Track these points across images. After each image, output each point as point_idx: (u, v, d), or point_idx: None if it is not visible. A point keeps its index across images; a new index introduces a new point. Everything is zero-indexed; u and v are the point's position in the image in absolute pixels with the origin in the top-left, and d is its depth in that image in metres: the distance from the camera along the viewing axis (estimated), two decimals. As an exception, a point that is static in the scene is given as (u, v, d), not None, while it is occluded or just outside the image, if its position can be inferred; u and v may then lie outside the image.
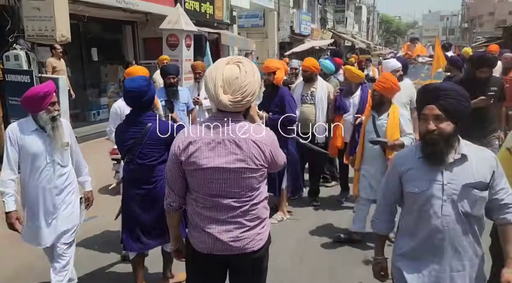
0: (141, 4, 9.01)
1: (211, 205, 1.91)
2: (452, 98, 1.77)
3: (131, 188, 2.99)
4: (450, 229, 1.81)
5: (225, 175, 1.87)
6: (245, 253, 1.94)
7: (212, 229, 1.91)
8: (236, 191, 1.89)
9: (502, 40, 27.59)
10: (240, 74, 1.83)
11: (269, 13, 19.21)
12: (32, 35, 5.74)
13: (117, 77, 10.42)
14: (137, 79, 3.02)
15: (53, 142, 2.76)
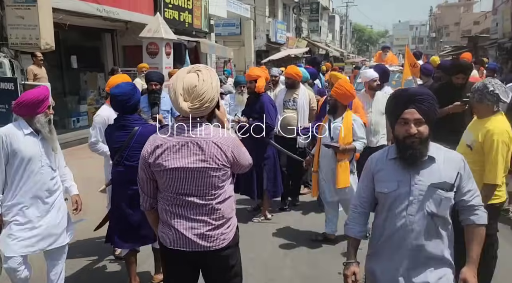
0: (122, 13, 9.15)
1: (177, 203, 2.04)
2: (428, 102, 1.85)
3: (120, 189, 3.09)
4: (414, 229, 1.85)
5: (188, 175, 2.00)
6: (209, 251, 2.05)
7: (178, 225, 2.03)
8: (200, 189, 2.01)
9: (467, 49, 29.00)
10: (199, 82, 1.95)
11: (245, 22, 19.59)
12: (15, 43, 5.81)
13: (97, 84, 10.47)
14: (122, 85, 3.16)
15: (45, 145, 2.79)
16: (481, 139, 2.70)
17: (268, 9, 21.74)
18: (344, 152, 3.80)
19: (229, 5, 16.46)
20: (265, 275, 3.55)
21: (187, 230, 2.02)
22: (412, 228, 1.85)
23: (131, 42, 10.59)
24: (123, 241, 3.14)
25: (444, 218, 1.88)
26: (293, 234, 4.36)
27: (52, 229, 2.82)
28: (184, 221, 2.03)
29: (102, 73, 10.62)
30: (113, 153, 3.10)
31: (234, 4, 17.39)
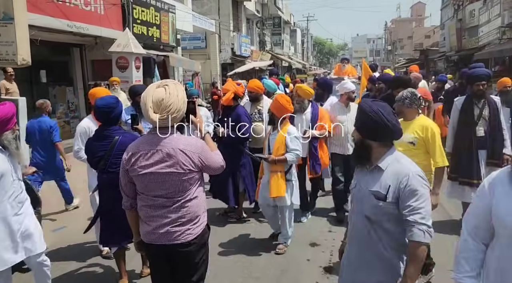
0: (91, 28, 9.37)
1: (151, 203, 2.31)
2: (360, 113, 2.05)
3: (107, 192, 3.36)
4: (358, 228, 2.06)
5: (159, 179, 2.25)
6: (177, 244, 2.29)
7: (152, 223, 2.32)
8: (169, 191, 2.27)
9: (419, 61, 30.92)
10: (165, 95, 2.20)
11: (210, 36, 20.09)
12: (-8, 59, 5.96)
13: (66, 98, 10.54)
14: (106, 98, 3.48)
15: (13, 160, 2.84)
16: (423, 134, 3.29)
17: (233, 24, 22.39)
18: (276, 163, 4.04)
19: (195, 20, 16.91)
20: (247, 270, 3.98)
21: (159, 227, 2.29)
22: (357, 226, 2.08)
23: (100, 56, 10.75)
24: (112, 240, 3.47)
25: (382, 227, 1.97)
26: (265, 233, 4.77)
27: (28, 237, 2.87)
28: (157, 219, 2.30)
29: (71, 87, 10.69)
30: (96, 161, 3.36)
31: (200, 19, 17.87)
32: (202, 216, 2.39)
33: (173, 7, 13.34)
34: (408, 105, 3.34)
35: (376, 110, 1.96)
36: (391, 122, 1.97)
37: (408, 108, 3.36)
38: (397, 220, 1.95)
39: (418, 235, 1.89)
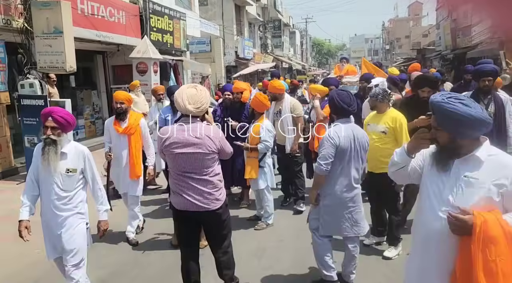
0: (115, 37, 10.37)
1: (182, 179, 2.88)
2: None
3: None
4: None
5: (188, 158, 2.82)
6: (208, 211, 2.89)
7: (184, 194, 2.88)
8: (197, 167, 2.85)
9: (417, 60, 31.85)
10: (197, 92, 2.87)
11: (215, 40, 21.06)
12: (43, 67, 6.96)
13: (91, 101, 11.55)
14: None
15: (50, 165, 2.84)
16: (393, 125, 3.84)
17: (236, 28, 23.39)
18: (250, 151, 4.73)
19: (202, 25, 17.92)
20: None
21: (191, 197, 2.87)
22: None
23: (120, 62, 11.76)
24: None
25: None
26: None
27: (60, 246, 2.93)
28: (188, 191, 2.87)
29: (95, 91, 11.71)
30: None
31: (205, 24, 18.87)
32: (222, 187, 3.03)
33: (184, 15, 14.35)
34: (380, 100, 3.92)
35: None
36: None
37: (381, 103, 3.93)
38: None
39: None
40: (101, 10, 9.63)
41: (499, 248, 1.71)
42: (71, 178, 2.89)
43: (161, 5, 12.54)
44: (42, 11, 6.75)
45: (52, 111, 2.85)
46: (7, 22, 6.86)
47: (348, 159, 3.22)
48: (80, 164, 2.94)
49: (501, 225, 1.74)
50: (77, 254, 2.91)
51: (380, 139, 3.91)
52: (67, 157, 2.88)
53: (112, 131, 4.55)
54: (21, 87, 6.96)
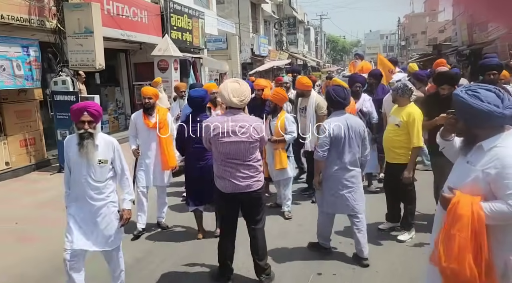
0: (138, 36, 10.80)
1: (228, 164, 3.22)
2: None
3: (192, 163, 4.28)
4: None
5: (235, 145, 3.15)
6: (251, 191, 3.24)
7: (230, 177, 3.23)
8: (242, 154, 3.18)
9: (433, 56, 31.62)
10: (240, 86, 3.20)
11: (231, 38, 21.40)
12: (75, 65, 7.41)
13: (115, 97, 12.03)
14: (199, 90, 4.40)
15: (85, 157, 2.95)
16: (406, 119, 4.07)
17: (252, 26, 23.70)
18: (277, 143, 4.95)
19: (218, 23, 18.28)
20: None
21: (237, 180, 3.23)
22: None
23: (142, 60, 12.21)
24: (191, 200, 4.39)
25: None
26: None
27: (96, 234, 3.02)
28: (235, 175, 3.22)
29: (118, 87, 12.19)
30: (183, 141, 4.21)
31: (222, 22, 19.23)
32: (262, 171, 3.41)
33: (202, 14, 14.73)
34: (401, 94, 4.18)
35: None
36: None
37: (401, 97, 4.19)
38: None
39: None
40: (125, 10, 10.06)
41: (462, 225, 1.96)
42: (103, 169, 2.99)
43: (181, 5, 12.94)
44: (74, 12, 7.19)
45: (87, 106, 2.95)
46: (41, 23, 7.32)
47: (342, 145, 3.68)
48: (110, 155, 3.03)
49: (472, 207, 1.96)
50: (116, 238, 3.11)
51: (394, 131, 4.22)
52: (98, 149, 2.97)
53: (141, 125, 4.72)
54: (54, 84, 7.42)
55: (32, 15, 7.06)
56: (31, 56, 7.30)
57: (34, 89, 7.78)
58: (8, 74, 6.85)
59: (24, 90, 7.54)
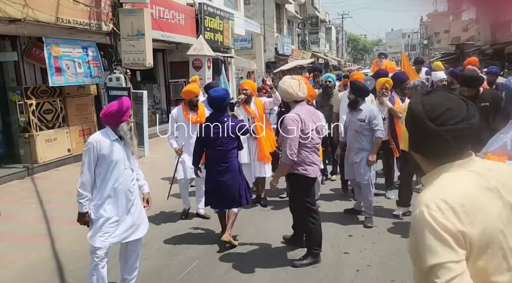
0: (176, 37, 11.70)
1: (313, 149, 3.68)
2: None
3: (213, 165, 4.08)
4: (351, 137, 4.61)
5: (318, 131, 3.69)
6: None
7: (316, 162, 3.76)
8: (320, 139, 3.81)
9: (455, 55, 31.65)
10: (300, 82, 3.64)
11: (256, 37, 22.19)
12: (127, 64, 8.33)
13: (152, 93, 12.99)
14: (219, 90, 4.22)
15: (127, 150, 3.07)
16: None
17: (276, 26, 24.44)
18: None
19: (245, 24, 19.10)
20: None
21: (319, 164, 3.93)
22: (350, 138, 4.73)
23: (177, 59, 13.12)
24: (214, 203, 4.22)
25: (365, 134, 4.56)
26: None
27: (132, 224, 3.12)
28: (318, 159, 3.81)
29: (155, 84, 13.16)
30: (206, 142, 4.07)
31: (248, 22, 20.05)
32: None
33: (232, 15, 15.57)
34: (419, 91, 4.67)
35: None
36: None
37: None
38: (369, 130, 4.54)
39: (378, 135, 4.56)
40: (166, 14, 10.97)
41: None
42: (134, 158, 3.20)
43: (214, 7, 13.81)
44: (128, 17, 8.11)
45: (128, 106, 3.07)
46: (99, 26, 8.25)
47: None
48: None
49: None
50: (146, 225, 3.26)
51: None
52: None
53: (183, 120, 4.86)
54: (109, 80, 8.35)
55: (91, 19, 8.00)
56: (89, 56, 8.27)
57: (90, 85, 8.75)
58: (72, 72, 7.82)
59: (82, 86, 8.52)
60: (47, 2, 6.88)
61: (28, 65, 7.84)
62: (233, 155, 4.09)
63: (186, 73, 12.13)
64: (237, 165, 4.15)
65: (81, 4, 7.60)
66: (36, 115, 7.50)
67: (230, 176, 4.05)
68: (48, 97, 7.85)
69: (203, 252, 4.17)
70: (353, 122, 4.67)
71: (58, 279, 3.71)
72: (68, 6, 7.31)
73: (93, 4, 7.94)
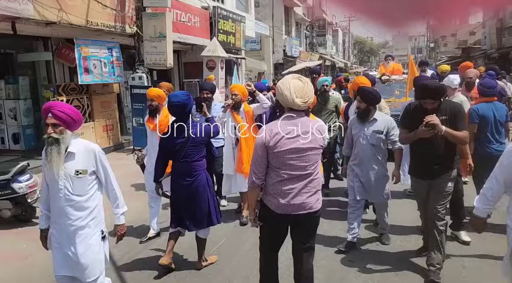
0: (192, 39, 12.25)
1: (288, 177, 2.53)
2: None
3: (177, 179, 3.56)
4: (366, 152, 3.87)
5: (299, 153, 2.52)
6: (310, 213, 2.58)
7: (287, 195, 2.54)
8: (307, 164, 2.54)
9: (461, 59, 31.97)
10: (303, 85, 2.54)
11: (265, 39, 22.71)
12: (149, 64, 8.90)
13: (168, 92, 13.55)
14: (179, 95, 3.52)
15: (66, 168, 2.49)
16: None
17: (284, 28, 24.97)
18: None
19: (255, 26, 19.65)
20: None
21: (296, 198, 2.55)
22: (364, 151, 3.98)
23: (191, 60, 13.67)
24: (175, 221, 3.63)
25: (380, 147, 3.92)
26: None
27: (77, 262, 2.54)
28: (293, 191, 2.55)
29: (170, 84, 13.70)
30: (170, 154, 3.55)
31: (258, 25, 20.59)
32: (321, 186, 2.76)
33: (244, 18, 16.11)
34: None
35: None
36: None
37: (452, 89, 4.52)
38: (385, 142, 3.97)
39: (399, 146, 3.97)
40: (182, 16, 11.51)
41: None
42: (82, 180, 2.53)
43: (227, 10, 14.36)
44: (151, 20, 8.67)
45: (52, 106, 2.48)
46: (123, 28, 8.82)
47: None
48: (91, 164, 2.58)
49: None
50: (95, 268, 2.59)
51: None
52: (75, 158, 2.52)
53: (147, 127, 4.40)
54: (132, 79, 8.91)
55: (117, 22, 8.56)
56: (113, 56, 8.84)
57: (113, 84, 9.32)
58: (98, 71, 8.39)
59: (106, 84, 9.09)
60: (79, 6, 7.45)
61: (58, 65, 8.42)
62: (200, 167, 3.57)
63: (200, 73, 12.68)
64: (205, 179, 3.60)
65: (108, 8, 8.17)
66: (66, 111, 8.06)
67: (196, 192, 3.54)
68: (77, 94, 8.43)
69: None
70: (367, 134, 3.97)
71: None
72: (97, 10, 7.88)
73: (119, 8, 8.50)
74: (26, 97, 8.28)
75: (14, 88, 8.29)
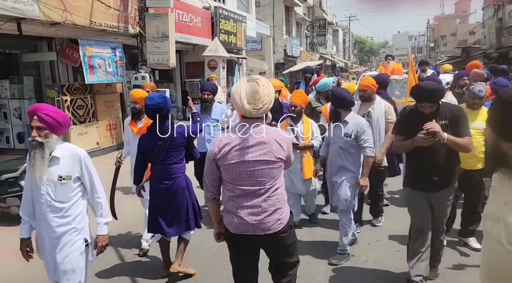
0: (193, 39, 12.35)
1: (240, 193, 2.29)
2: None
3: (155, 183, 3.50)
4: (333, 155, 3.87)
5: (252, 167, 2.25)
6: (268, 235, 2.32)
7: (241, 213, 2.29)
8: (261, 179, 2.28)
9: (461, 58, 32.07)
10: (259, 88, 2.22)
11: (265, 39, 22.81)
12: (152, 64, 8.99)
13: (170, 92, 13.63)
14: (154, 97, 3.37)
15: (49, 172, 2.44)
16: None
17: (285, 28, 25.06)
18: (305, 149, 4.52)
19: (256, 26, 19.75)
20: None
21: (249, 217, 2.30)
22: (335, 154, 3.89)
23: (193, 59, 13.78)
24: (155, 227, 3.54)
25: (351, 151, 3.78)
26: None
27: (58, 265, 2.52)
28: (246, 209, 2.30)
29: (172, 84, 13.82)
30: (149, 157, 3.46)
31: (259, 25, 20.69)
32: (286, 203, 2.45)
33: (245, 18, 16.21)
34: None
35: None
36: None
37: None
38: (356, 147, 3.79)
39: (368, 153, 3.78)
40: (184, 17, 11.61)
41: None
42: (65, 186, 2.46)
43: (228, 11, 14.46)
44: (154, 20, 8.76)
45: (38, 109, 2.43)
46: (126, 29, 8.91)
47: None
48: (76, 169, 2.51)
49: None
50: (74, 276, 2.51)
51: (480, 136, 3.81)
52: (59, 162, 2.46)
53: (129, 131, 4.21)
54: (135, 79, 9.01)
55: (120, 23, 8.66)
56: (117, 56, 8.93)
57: (116, 84, 9.42)
58: (102, 71, 8.49)
59: (110, 84, 9.19)
60: (83, 7, 7.55)
61: (61, 64, 8.52)
62: (179, 171, 3.50)
63: (201, 73, 12.80)
64: (184, 183, 3.53)
65: (112, 9, 8.26)
66: (70, 110, 8.17)
67: (175, 195, 3.48)
68: (81, 94, 8.53)
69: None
70: (336, 137, 3.86)
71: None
72: (101, 10, 7.98)
73: (122, 8, 8.60)
74: (30, 96, 8.38)
75: (19, 88, 8.40)
